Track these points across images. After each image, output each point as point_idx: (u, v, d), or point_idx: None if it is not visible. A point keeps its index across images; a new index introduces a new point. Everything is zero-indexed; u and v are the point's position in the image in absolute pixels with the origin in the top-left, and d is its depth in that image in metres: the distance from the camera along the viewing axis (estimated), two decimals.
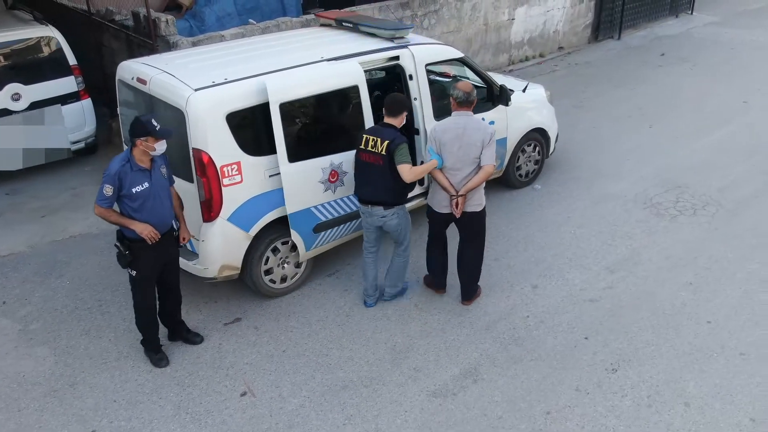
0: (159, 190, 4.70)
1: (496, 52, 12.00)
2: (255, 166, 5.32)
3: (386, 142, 5.14)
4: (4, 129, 7.65)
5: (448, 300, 5.83)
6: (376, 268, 5.68)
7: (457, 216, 5.34)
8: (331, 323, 5.59)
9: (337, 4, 10.08)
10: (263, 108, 5.22)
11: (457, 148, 5.16)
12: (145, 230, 4.62)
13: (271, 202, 5.45)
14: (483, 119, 6.77)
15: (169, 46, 8.19)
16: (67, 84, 8.09)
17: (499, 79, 7.82)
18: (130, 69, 5.73)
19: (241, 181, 5.28)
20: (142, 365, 5.17)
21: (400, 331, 5.48)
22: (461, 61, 6.69)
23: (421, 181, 6.56)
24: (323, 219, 5.73)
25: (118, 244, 4.74)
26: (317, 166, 5.55)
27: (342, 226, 5.91)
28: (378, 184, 5.27)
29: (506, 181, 7.59)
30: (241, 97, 5.19)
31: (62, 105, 8.04)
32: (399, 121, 5.32)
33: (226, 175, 5.19)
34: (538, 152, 7.72)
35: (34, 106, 7.86)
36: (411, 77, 6.15)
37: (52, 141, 8.06)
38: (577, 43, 13.48)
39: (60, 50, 8.02)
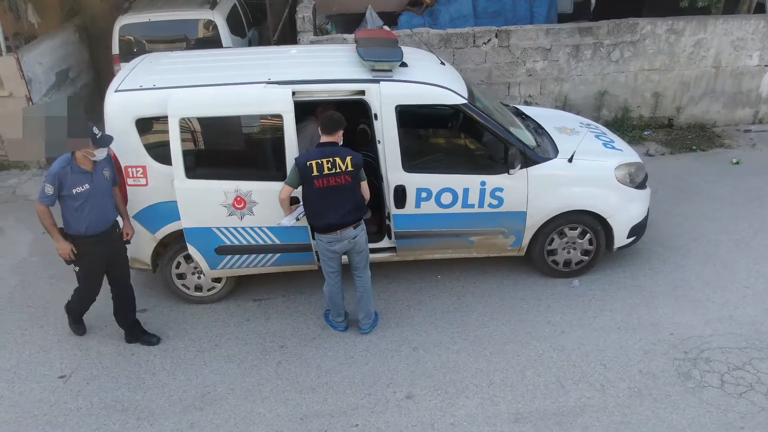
0: (99, 191, 4.92)
1: (732, 104, 9.29)
2: (162, 173, 5.40)
3: (348, 158, 4.97)
4: None
5: (316, 375, 5.15)
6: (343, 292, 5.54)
7: None
8: (194, 347, 5.47)
9: (616, 14, 9.06)
10: None
11: None
12: (63, 250, 4.92)
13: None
14: (484, 183, 5.63)
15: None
16: None
17: (567, 137, 6.24)
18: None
19: (146, 184, 5.45)
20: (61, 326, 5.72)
21: (232, 382, 5.08)
22: (457, 109, 5.56)
23: (389, 234, 5.83)
24: (227, 243, 5.55)
25: None
26: (219, 188, 5.37)
27: (254, 256, 5.64)
28: (348, 203, 5.06)
29: (534, 265, 6.14)
30: (153, 105, 5.28)
31: None
32: (338, 138, 5.06)
33: (131, 175, 5.42)
34: (590, 241, 5.99)
35: None
36: (376, 116, 5.41)
37: None
38: None
39: (217, 33, 9.08)
